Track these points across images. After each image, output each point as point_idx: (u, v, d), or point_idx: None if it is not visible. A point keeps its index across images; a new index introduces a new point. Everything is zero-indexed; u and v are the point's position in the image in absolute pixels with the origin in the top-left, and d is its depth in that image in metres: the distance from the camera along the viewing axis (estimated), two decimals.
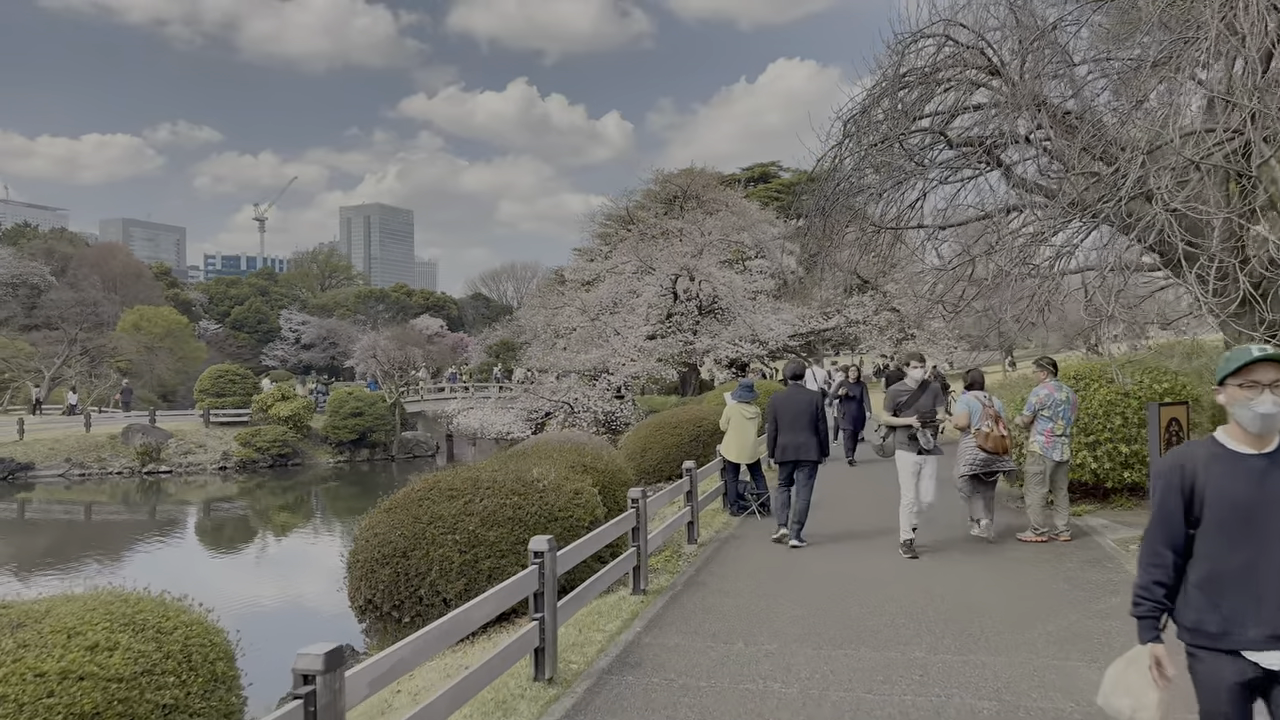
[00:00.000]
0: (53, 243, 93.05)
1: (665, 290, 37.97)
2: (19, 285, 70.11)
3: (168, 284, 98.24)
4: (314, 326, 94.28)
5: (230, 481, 30.83)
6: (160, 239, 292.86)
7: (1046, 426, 8.91)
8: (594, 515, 7.97)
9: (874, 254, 15.76)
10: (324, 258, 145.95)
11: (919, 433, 8.25)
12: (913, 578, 7.52)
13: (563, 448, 9.62)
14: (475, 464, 8.65)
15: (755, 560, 8.37)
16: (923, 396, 8.38)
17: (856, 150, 14.10)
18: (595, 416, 35.20)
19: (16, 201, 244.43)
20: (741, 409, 10.72)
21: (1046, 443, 8.90)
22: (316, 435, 33.91)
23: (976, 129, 13.44)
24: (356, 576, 7.68)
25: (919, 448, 8.32)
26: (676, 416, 17.02)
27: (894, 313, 46.57)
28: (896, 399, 8.38)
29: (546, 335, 40.80)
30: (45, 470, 29.61)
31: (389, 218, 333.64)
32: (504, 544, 7.35)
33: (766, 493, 10.82)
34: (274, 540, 23.16)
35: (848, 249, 15.96)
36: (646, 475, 16.98)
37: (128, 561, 19.70)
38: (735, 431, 10.68)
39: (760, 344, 38.54)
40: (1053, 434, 8.90)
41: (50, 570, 18.54)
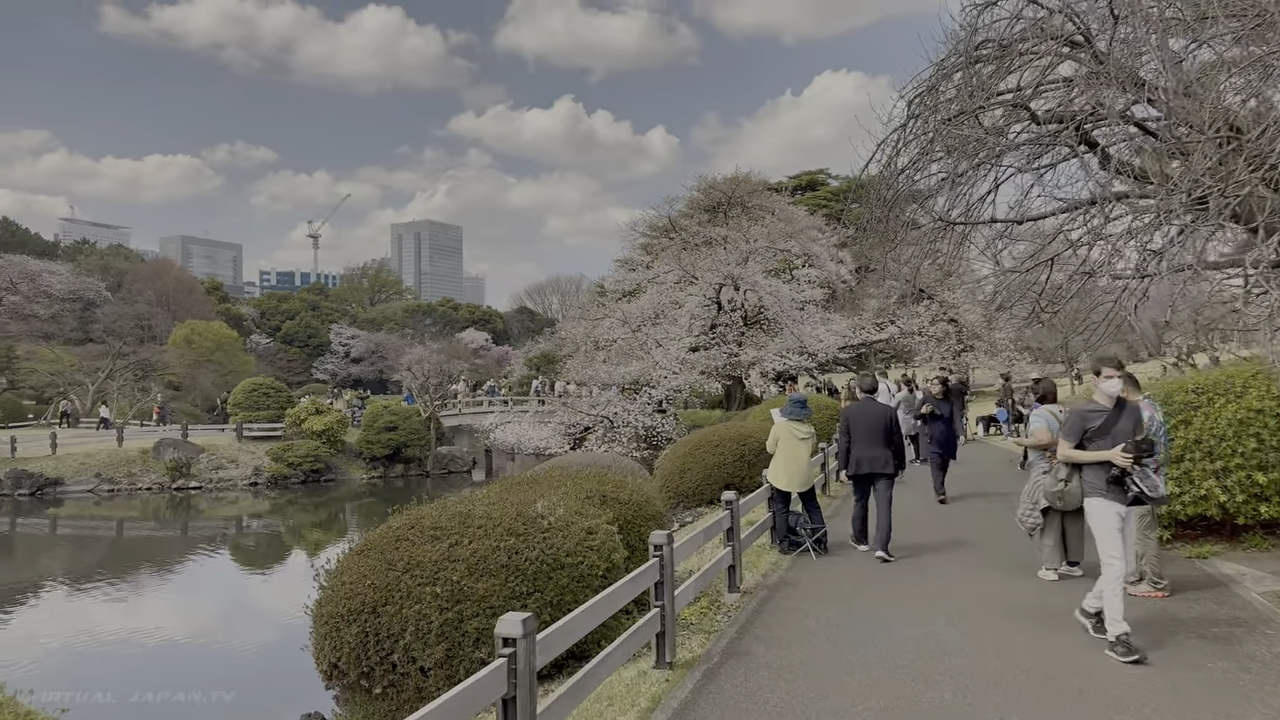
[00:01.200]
0: (109, 259, 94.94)
1: (709, 300, 36.41)
2: (75, 300, 71.26)
3: (219, 299, 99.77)
4: (363, 341, 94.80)
5: (261, 498, 29.94)
6: (218, 256, 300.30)
7: None
8: (610, 561, 6.47)
9: (939, 255, 14.10)
10: (373, 273, 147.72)
11: (1132, 474, 5.69)
12: (1020, 644, 5.87)
13: (581, 474, 8.15)
14: (470, 494, 7.21)
15: (814, 617, 6.78)
16: (1121, 419, 5.82)
17: (922, 132, 12.46)
18: (635, 432, 33.72)
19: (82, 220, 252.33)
20: (793, 428, 9.14)
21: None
22: (351, 450, 32.95)
23: (1060, 108, 11.78)
24: (321, 634, 6.28)
25: (1129, 494, 5.75)
26: (718, 434, 15.45)
27: (952, 323, 44.39)
28: (1086, 422, 5.85)
29: (586, 347, 39.49)
30: (74, 485, 29.03)
31: (439, 234, 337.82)
32: (496, 599, 5.89)
33: (823, 527, 9.20)
34: (286, 565, 21.99)
35: (910, 248, 14.31)
36: (685, 499, 15.44)
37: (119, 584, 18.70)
38: (785, 454, 9.10)
39: (809, 356, 36.72)
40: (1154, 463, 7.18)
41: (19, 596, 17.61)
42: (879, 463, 8.88)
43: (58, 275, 69.77)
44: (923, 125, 12.70)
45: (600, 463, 10.48)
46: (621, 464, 10.58)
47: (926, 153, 12.13)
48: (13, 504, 27.93)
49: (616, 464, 10.49)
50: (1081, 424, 5.84)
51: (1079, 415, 5.87)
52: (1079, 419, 5.86)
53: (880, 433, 8.92)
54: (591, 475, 8.04)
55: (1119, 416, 5.79)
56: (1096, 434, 5.79)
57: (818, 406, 21.80)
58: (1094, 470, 5.81)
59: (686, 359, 34.77)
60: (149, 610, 16.63)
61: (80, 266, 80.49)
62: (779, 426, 9.20)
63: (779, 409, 9.37)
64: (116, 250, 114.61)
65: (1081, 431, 5.84)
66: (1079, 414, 5.87)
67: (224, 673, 12.72)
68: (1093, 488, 5.79)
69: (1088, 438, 5.82)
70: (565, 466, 10.44)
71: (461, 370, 50.88)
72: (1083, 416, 5.85)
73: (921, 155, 12.24)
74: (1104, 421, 5.79)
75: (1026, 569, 8.07)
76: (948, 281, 37.79)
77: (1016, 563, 8.38)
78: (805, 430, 9.17)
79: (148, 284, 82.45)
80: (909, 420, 18.74)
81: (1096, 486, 5.76)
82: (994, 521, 10.74)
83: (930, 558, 8.86)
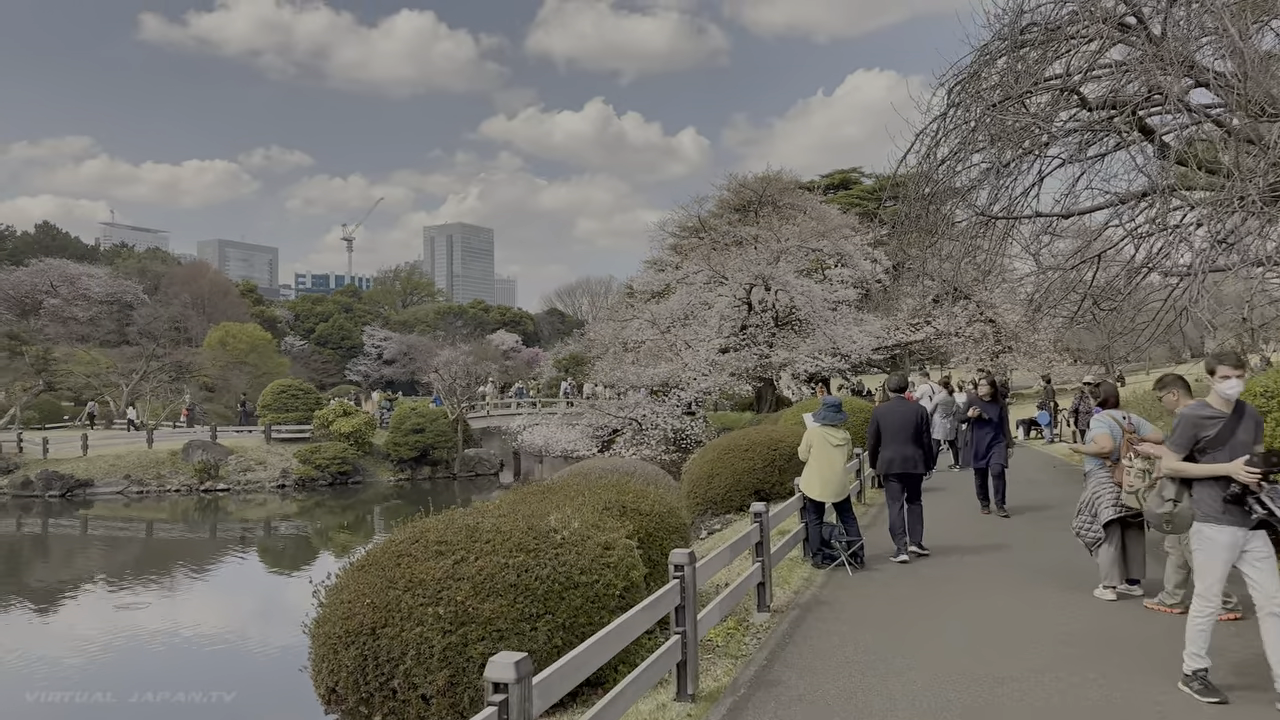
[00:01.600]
0: (146, 262, 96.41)
1: (739, 300, 35.78)
2: (113, 303, 72.35)
3: (253, 301, 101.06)
4: (395, 343, 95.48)
5: (288, 500, 29.86)
6: (254, 259, 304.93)
7: None
8: (629, 579, 5.96)
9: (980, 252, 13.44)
10: (405, 275, 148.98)
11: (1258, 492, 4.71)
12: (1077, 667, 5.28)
13: (599, 483, 7.65)
14: (481, 504, 6.75)
15: (851, 642, 6.23)
16: (1240, 427, 4.89)
17: (964, 121, 11.83)
18: (664, 434, 33.19)
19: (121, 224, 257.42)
20: (827, 434, 8.58)
21: None
22: (378, 452, 32.79)
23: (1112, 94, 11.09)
24: (319, 655, 5.84)
25: (1253, 517, 4.76)
26: (748, 438, 14.89)
27: (989, 324, 43.37)
28: (1199, 430, 4.89)
29: (615, 349, 39.04)
30: (104, 487, 29.13)
31: (470, 236, 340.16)
32: (503, 621, 5.41)
33: (860, 539, 8.63)
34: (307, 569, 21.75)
35: (949, 244, 13.66)
36: (713, 505, 14.90)
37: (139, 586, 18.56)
38: (819, 461, 8.54)
39: (842, 357, 35.93)
40: None
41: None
42: (910, 462, 8.94)
43: (96, 278, 70.88)
44: (964, 114, 12.06)
45: (623, 469, 9.99)
46: (645, 470, 10.08)
47: (968, 142, 11.50)
48: (44, 505, 28.10)
49: (640, 470, 10.00)
50: (1193, 432, 4.90)
51: (1190, 422, 4.93)
52: (1190, 426, 4.92)
53: (910, 432, 8.96)
54: (610, 484, 7.54)
55: (1238, 424, 4.87)
56: (1211, 444, 4.86)
57: (852, 410, 21.09)
58: (1208, 488, 4.84)
59: (716, 360, 34.17)
60: (162, 612, 16.48)
61: (118, 270, 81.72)
62: (812, 432, 8.65)
63: (811, 414, 8.82)
64: (153, 254, 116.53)
65: (1193, 441, 4.91)
66: (1191, 420, 4.94)
67: (226, 673, 12.47)
68: (1206, 510, 4.84)
69: (1199, 449, 4.91)
70: (587, 472, 9.97)
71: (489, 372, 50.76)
72: (1195, 424, 4.91)
73: (963, 145, 11.61)
74: (1220, 430, 4.85)
75: (1081, 586, 7.46)
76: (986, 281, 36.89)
77: (1070, 579, 7.76)
78: (840, 436, 8.61)
79: (184, 287, 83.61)
80: (945, 424, 18.03)
81: (1211, 508, 4.82)
82: (1041, 532, 10.10)
83: (975, 573, 8.25)
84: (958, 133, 11.57)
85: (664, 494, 7.75)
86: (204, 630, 15.06)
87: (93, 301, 70.16)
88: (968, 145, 11.50)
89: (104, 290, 71.36)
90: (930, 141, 11.90)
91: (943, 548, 9.43)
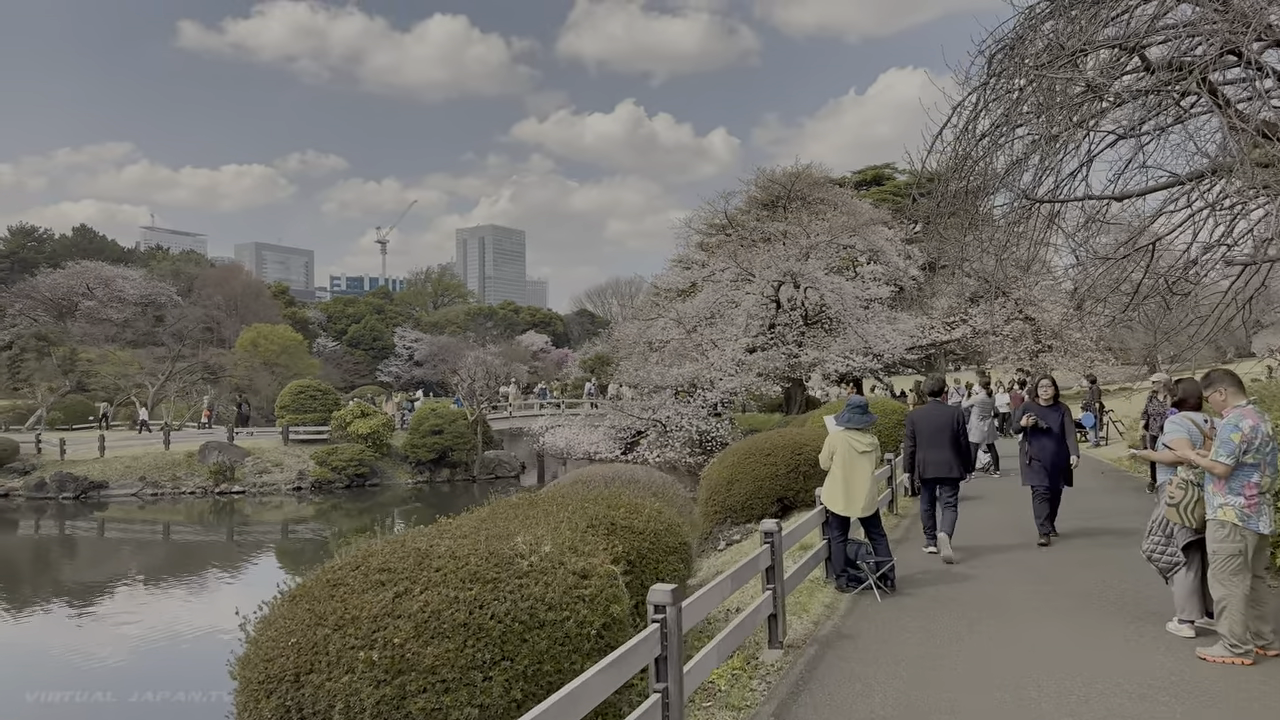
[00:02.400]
0: (180, 264, 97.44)
1: (767, 298, 34.64)
2: (148, 304, 73.10)
3: (285, 303, 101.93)
4: (426, 344, 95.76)
5: (305, 503, 29.25)
6: (290, 262, 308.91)
7: (1250, 479, 5.40)
8: (609, 615, 4.97)
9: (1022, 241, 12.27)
10: (436, 277, 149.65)
11: None
12: None
13: (590, 494, 6.68)
14: (444, 523, 5.79)
15: (878, 690, 5.18)
16: None
17: (1006, 91, 10.69)
18: (689, 436, 32.17)
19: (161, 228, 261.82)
20: (852, 439, 7.53)
21: (1249, 506, 5.39)
22: (397, 454, 32.11)
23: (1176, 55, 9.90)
24: (241, 704, 4.94)
25: None
26: (770, 441, 13.83)
27: (1028, 321, 41.78)
28: None
29: (640, 349, 38.07)
30: (119, 489, 28.72)
31: (502, 238, 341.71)
32: (449, 670, 4.44)
33: (890, 559, 7.56)
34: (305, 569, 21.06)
35: (989, 230, 12.50)
36: (733, 514, 13.86)
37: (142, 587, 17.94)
38: (844, 471, 7.49)
39: (874, 357, 34.68)
40: (1258, 490, 5.39)
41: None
42: (944, 467, 8.74)
43: (131, 280, 71.68)
44: (1006, 85, 10.93)
45: (626, 476, 9.02)
46: (652, 478, 9.10)
47: (1012, 115, 10.35)
48: (57, 507, 27.74)
49: (646, 478, 9.02)
50: None
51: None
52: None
53: (946, 436, 8.74)
54: (602, 496, 6.55)
55: None
56: None
57: (883, 411, 19.90)
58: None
59: (743, 360, 33.08)
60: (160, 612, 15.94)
61: (153, 272, 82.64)
62: (835, 438, 7.60)
63: (833, 416, 7.77)
64: (188, 256, 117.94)
65: None
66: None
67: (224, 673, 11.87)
68: None
69: None
70: (588, 479, 9.03)
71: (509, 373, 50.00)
72: None
73: (1006, 117, 10.47)
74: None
75: (1151, 619, 6.35)
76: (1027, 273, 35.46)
77: (1137, 610, 6.65)
78: (867, 441, 7.55)
79: (217, 288, 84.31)
80: (983, 426, 16.77)
81: None
82: (1097, 551, 8.95)
83: (1024, 601, 7.15)
84: (1000, 103, 10.43)
85: (663, 508, 6.75)
86: (199, 629, 14.57)
87: (127, 303, 70.92)
88: (1011, 119, 10.35)
89: (138, 292, 72.19)
90: (969, 115, 10.76)
91: (985, 568, 8.33)
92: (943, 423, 8.76)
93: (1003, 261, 13.38)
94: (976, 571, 8.16)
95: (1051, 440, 9.26)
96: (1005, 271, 12.97)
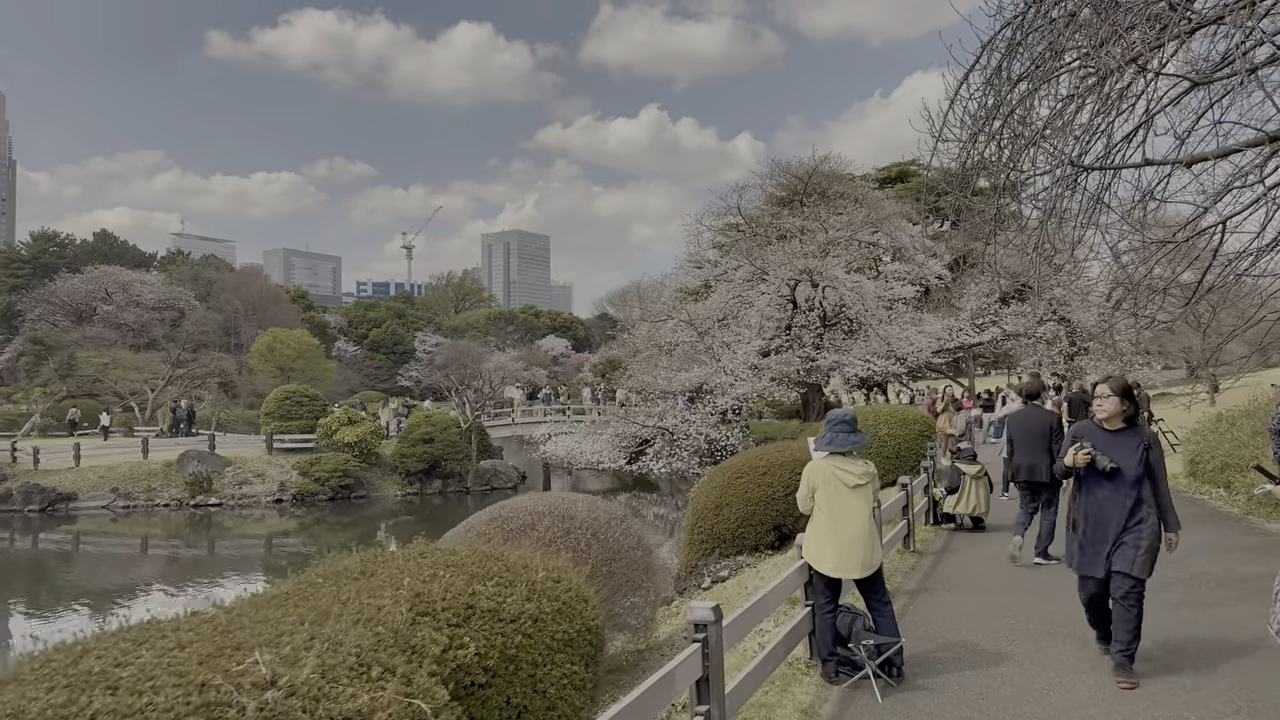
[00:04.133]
0: (199, 269, 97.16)
1: (783, 298, 32.43)
2: (165, 309, 72.71)
3: (304, 307, 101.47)
4: (447, 348, 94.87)
5: (287, 516, 27.48)
6: (318, 268, 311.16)
7: None
8: None
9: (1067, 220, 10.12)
10: (458, 281, 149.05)
11: None
12: None
13: (457, 555, 4.62)
14: (148, 623, 3.77)
15: None
16: None
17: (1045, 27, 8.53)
18: (697, 445, 30.06)
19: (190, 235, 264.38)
20: (839, 468, 5.41)
21: None
22: (387, 464, 30.27)
23: None
24: None
25: None
26: (766, 458, 11.75)
27: (1062, 323, 39.20)
28: None
29: (650, 351, 36.01)
30: (89, 501, 27.07)
31: (527, 243, 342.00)
32: None
33: (898, 639, 5.41)
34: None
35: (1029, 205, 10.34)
36: (722, 544, 11.75)
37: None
38: (832, 512, 5.38)
39: (898, 361, 32.35)
40: None
41: None
42: (1038, 471, 8.70)
43: (148, 285, 71.55)
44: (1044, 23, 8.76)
45: (562, 510, 6.97)
46: (596, 516, 7.05)
47: (1055, 49, 8.19)
48: (22, 520, 26.13)
49: (589, 515, 6.99)
50: None
51: None
52: None
53: (1040, 441, 8.74)
54: (470, 559, 4.49)
55: None
56: None
57: (906, 420, 17.68)
58: None
59: (757, 364, 30.91)
60: None
61: (171, 276, 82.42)
62: (815, 468, 5.48)
63: (813, 438, 5.66)
64: (207, 260, 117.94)
65: None
66: None
67: None
68: None
69: None
70: (507, 518, 6.98)
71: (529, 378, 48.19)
72: None
73: (1048, 55, 8.31)
74: None
75: None
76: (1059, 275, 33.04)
77: (1257, 699, 4.46)
78: (860, 471, 5.42)
79: (234, 293, 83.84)
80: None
81: None
82: (1181, 614, 6.70)
83: (1086, 693, 4.98)
84: (1041, 35, 8.26)
85: (564, 572, 4.67)
86: None
87: (144, 308, 70.56)
88: (1053, 55, 8.17)
89: (155, 296, 72.02)
90: (1001, 55, 8.60)
91: (1029, 641, 6.17)
92: (1035, 427, 8.82)
93: (1041, 247, 11.08)
94: (1017, 648, 6.01)
95: (1120, 493, 5.13)
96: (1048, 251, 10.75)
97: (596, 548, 6.80)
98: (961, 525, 11.14)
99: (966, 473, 10.98)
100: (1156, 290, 12.55)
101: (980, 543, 10.26)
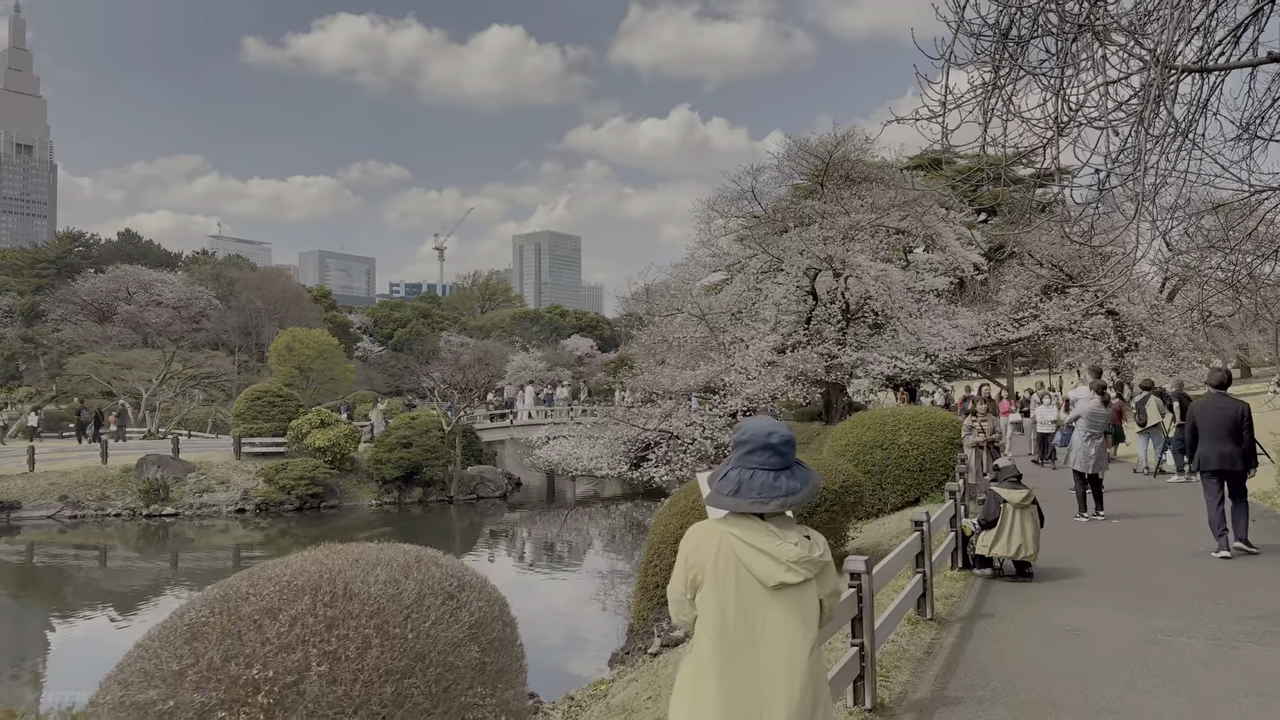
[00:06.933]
0: (221, 268, 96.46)
1: (801, 290, 29.41)
2: (185, 308, 72.18)
3: (326, 306, 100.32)
4: (471, 348, 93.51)
5: (249, 527, 25.04)
6: (352, 269, 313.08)
7: None
8: None
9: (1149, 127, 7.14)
10: (484, 281, 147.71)
11: None
12: None
13: None
14: None
15: None
16: None
17: None
18: (704, 450, 27.17)
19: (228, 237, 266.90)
20: (748, 546, 2.54)
21: None
22: (362, 470, 27.74)
23: None
24: None
25: None
26: None
27: (1110, 315, 35.65)
28: None
29: (658, 348, 33.18)
30: (33, 510, 24.77)
31: (558, 244, 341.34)
32: None
33: None
34: None
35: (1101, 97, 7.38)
36: None
37: None
38: (723, 642, 2.51)
39: (929, 358, 29.11)
40: None
41: None
42: (1228, 460, 8.62)
43: (169, 284, 71.07)
44: None
45: (337, 586, 4.21)
46: (396, 593, 4.25)
47: None
48: None
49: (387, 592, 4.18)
50: None
51: None
52: None
53: (1229, 429, 8.63)
54: None
55: None
56: None
57: (931, 425, 14.72)
58: None
59: (773, 361, 27.92)
60: None
61: (194, 276, 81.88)
62: (703, 539, 2.64)
63: (706, 476, 2.81)
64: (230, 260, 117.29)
65: None
66: None
67: None
68: None
69: None
70: (243, 596, 4.23)
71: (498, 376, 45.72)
72: None
73: None
74: None
75: None
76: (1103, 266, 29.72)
77: None
78: (792, 553, 2.55)
79: (256, 292, 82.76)
80: (1089, 449, 11.28)
81: None
82: None
83: None
84: None
85: None
86: None
87: (165, 307, 69.91)
88: None
89: (176, 296, 71.56)
90: None
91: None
92: (1224, 416, 8.72)
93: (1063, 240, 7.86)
94: None
95: None
96: (1121, 199, 7.73)
97: (380, 651, 4.02)
98: (1001, 571, 8.19)
99: (1009, 500, 8.01)
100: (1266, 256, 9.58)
101: (1030, 600, 7.30)
